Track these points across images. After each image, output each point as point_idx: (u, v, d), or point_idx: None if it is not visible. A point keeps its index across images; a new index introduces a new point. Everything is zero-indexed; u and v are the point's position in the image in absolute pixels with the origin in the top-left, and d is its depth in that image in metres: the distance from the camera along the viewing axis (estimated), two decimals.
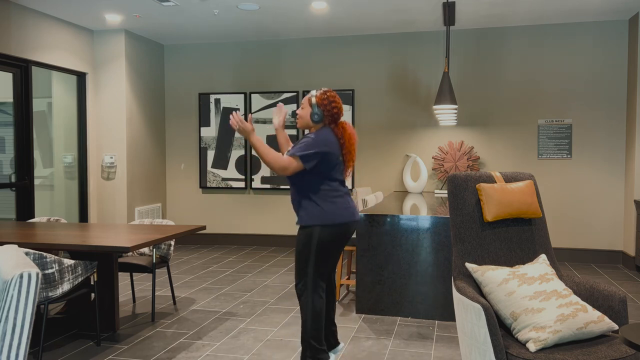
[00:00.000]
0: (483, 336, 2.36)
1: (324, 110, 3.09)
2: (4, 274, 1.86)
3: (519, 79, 6.91)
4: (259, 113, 7.69)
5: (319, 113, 3.09)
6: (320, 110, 3.09)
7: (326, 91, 3.13)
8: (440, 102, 5.45)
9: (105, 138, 7.14)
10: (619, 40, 6.60)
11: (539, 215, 2.96)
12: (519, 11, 6.23)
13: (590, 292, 2.73)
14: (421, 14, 6.34)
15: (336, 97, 3.14)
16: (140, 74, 7.40)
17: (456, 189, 2.92)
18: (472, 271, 2.74)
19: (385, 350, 3.77)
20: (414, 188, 6.88)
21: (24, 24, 5.95)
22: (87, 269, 3.70)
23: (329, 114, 3.11)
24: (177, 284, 5.68)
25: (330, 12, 6.23)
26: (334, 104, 3.11)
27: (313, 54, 7.51)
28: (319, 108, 3.09)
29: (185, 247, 7.90)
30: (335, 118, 3.13)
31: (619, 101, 6.63)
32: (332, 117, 3.13)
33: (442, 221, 4.44)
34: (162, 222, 4.79)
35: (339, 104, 3.14)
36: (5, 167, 5.98)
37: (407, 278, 4.51)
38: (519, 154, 6.93)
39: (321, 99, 3.10)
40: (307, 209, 3.09)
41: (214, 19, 6.56)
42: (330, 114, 3.11)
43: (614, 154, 6.65)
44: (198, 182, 7.96)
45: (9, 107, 5.97)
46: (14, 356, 1.75)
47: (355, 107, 7.40)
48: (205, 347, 3.83)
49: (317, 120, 3.10)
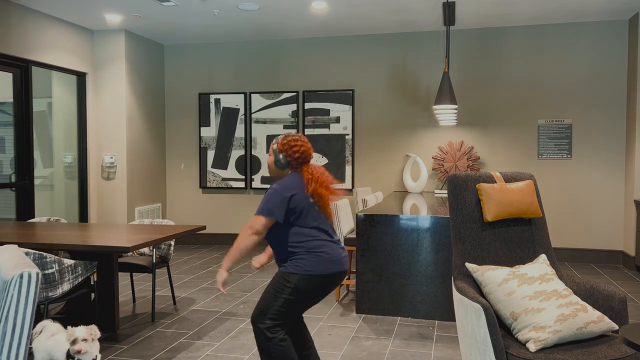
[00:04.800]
0: (483, 336, 2.36)
1: (286, 156, 2.98)
2: (4, 274, 1.86)
3: (519, 79, 6.91)
4: (259, 113, 7.69)
5: (282, 160, 2.98)
6: (283, 157, 2.98)
7: (287, 136, 3.02)
8: (440, 102, 5.45)
9: (105, 138, 7.14)
10: (619, 40, 6.60)
11: (539, 215, 2.96)
12: (519, 11, 6.23)
13: (590, 292, 2.73)
14: (421, 14, 6.34)
15: (298, 141, 3.00)
16: (140, 74, 7.39)
17: (456, 189, 2.92)
18: (472, 271, 2.74)
19: (385, 350, 3.77)
20: (414, 188, 6.88)
21: (24, 24, 5.95)
22: (87, 269, 3.69)
23: (292, 159, 2.98)
24: (177, 284, 5.68)
25: (330, 12, 6.23)
26: (295, 148, 2.98)
27: (313, 54, 7.51)
28: (282, 154, 2.98)
29: (185, 247, 7.89)
30: (301, 162, 2.99)
31: (619, 101, 6.63)
32: (296, 162, 2.99)
33: (442, 221, 4.44)
34: (162, 222, 4.79)
35: (301, 147, 2.99)
36: (5, 167, 5.97)
37: (407, 278, 4.51)
38: (519, 154, 6.93)
39: (282, 144, 2.99)
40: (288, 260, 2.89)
41: (214, 19, 6.56)
42: (293, 159, 2.98)
43: (614, 154, 6.65)
44: (198, 182, 7.96)
45: (9, 107, 5.97)
46: (14, 356, 1.75)
47: (355, 107, 7.40)
48: (205, 347, 3.83)
49: (282, 167, 3.00)
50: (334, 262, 2.90)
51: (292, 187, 2.90)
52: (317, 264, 2.85)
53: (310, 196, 2.93)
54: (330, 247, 2.92)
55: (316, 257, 2.86)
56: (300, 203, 2.89)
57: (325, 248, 2.91)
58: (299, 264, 2.85)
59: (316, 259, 2.86)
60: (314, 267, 2.84)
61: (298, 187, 2.91)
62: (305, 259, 2.85)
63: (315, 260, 2.85)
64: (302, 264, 2.85)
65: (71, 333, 2.77)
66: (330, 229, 3.00)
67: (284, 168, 3.00)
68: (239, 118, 7.74)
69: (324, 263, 2.86)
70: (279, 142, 3.01)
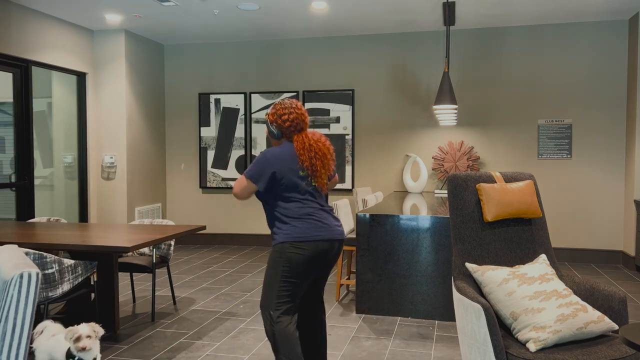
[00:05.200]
0: (483, 336, 2.36)
1: (277, 125, 2.86)
2: (4, 274, 1.86)
3: (519, 79, 6.91)
4: (259, 113, 7.69)
5: (273, 130, 2.87)
6: (275, 127, 2.86)
7: (277, 104, 2.89)
8: (440, 102, 5.45)
9: (105, 138, 7.14)
10: (619, 40, 6.60)
11: (539, 215, 2.96)
12: (519, 11, 6.23)
13: (590, 292, 2.73)
14: (421, 14, 6.34)
15: (288, 108, 2.85)
16: (140, 74, 7.39)
17: (456, 189, 2.92)
18: (472, 271, 2.74)
19: (385, 350, 3.77)
20: (414, 188, 6.88)
21: (24, 24, 5.95)
22: (87, 269, 3.70)
23: (283, 128, 2.85)
24: (177, 284, 5.68)
25: (330, 12, 6.23)
26: (284, 117, 2.83)
27: (313, 54, 7.51)
28: (273, 124, 2.88)
29: (185, 247, 7.89)
30: (293, 130, 2.85)
31: (619, 101, 6.63)
32: (288, 131, 2.85)
33: (442, 221, 4.44)
34: (162, 222, 4.79)
35: (291, 114, 2.84)
36: (5, 167, 5.97)
37: (407, 278, 4.51)
38: (519, 154, 6.93)
39: (271, 114, 2.88)
40: (278, 227, 2.80)
41: (214, 19, 6.56)
42: (284, 128, 2.85)
43: (614, 153, 6.65)
44: (198, 182, 7.96)
45: (9, 107, 5.96)
46: (14, 356, 1.75)
47: (355, 107, 7.40)
48: (205, 347, 3.83)
49: (276, 137, 2.88)
50: (324, 229, 2.79)
51: (280, 158, 2.77)
52: (305, 229, 2.74)
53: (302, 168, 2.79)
54: (319, 214, 2.81)
55: (303, 222, 2.75)
56: (287, 175, 2.77)
57: (314, 215, 2.79)
58: (287, 231, 2.75)
59: (303, 225, 2.75)
60: (302, 233, 2.73)
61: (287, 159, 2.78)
62: (293, 225, 2.75)
63: (302, 226, 2.75)
64: (290, 231, 2.75)
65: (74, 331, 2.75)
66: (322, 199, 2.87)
67: (279, 138, 2.88)
68: (239, 118, 7.75)
69: (312, 229, 2.75)
70: (269, 112, 2.90)
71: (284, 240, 2.75)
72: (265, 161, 2.76)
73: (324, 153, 2.85)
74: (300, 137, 2.84)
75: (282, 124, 2.84)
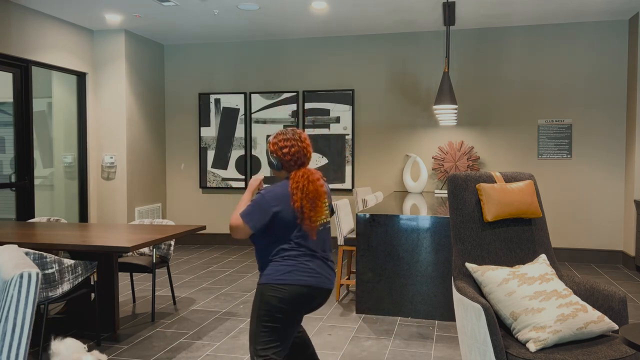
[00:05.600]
0: (483, 336, 2.36)
1: (277, 157, 2.64)
2: (4, 274, 1.86)
3: (519, 79, 6.91)
4: (259, 113, 7.69)
5: (274, 162, 2.66)
6: (275, 158, 2.64)
7: (278, 134, 2.66)
8: (440, 102, 5.45)
9: (105, 138, 7.14)
10: (619, 40, 6.60)
11: (539, 215, 2.96)
12: (519, 11, 6.23)
13: (590, 292, 2.73)
14: (421, 14, 6.34)
15: (290, 140, 2.63)
16: (140, 74, 7.39)
17: (456, 189, 2.92)
18: (472, 271, 2.74)
19: (385, 350, 3.77)
20: (414, 188, 6.88)
21: (24, 24, 5.95)
22: (87, 269, 3.69)
23: (284, 161, 2.63)
24: (177, 284, 5.68)
25: (330, 12, 6.23)
26: (285, 150, 2.61)
27: (313, 54, 7.51)
28: (273, 155, 2.66)
29: (185, 247, 7.89)
30: (292, 164, 2.63)
31: (619, 101, 6.63)
32: (288, 164, 2.63)
33: (442, 221, 4.44)
34: (162, 222, 4.79)
35: (292, 147, 2.62)
36: (5, 167, 5.97)
37: (407, 278, 4.51)
38: (519, 154, 6.93)
39: (272, 144, 2.65)
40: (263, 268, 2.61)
41: (214, 19, 6.56)
42: (284, 161, 2.63)
43: (614, 153, 6.65)
44: (198, 182, 7.96)
45: (9, 107, 5.97)
46: (14, 356, 1.75)
47: (355, 107, 7.40)
48: (205, 347, 3.83)
49: (277, 168, 2.67)
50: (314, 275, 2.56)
51: (282, 199, 2.56)
52: (288, 272, 2.52)
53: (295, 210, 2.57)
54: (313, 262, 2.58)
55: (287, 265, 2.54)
56: (284, 218, 2.55)
57: (304, 257, 2.56)
58: (269, 272, 2.55)
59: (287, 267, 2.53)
60: (283, 275, 2.52)
61: (285, 200, 2.56)
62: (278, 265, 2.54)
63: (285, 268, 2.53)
64: (271, 272, 2.54)
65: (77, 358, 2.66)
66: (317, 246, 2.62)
67: (279, 169, 2.68)
68: (239, 118, 7.74)
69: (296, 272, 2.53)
70: (270, 142, 2.68)
71: (265, 282, 2.55)
72: (265, 203, 2.54)
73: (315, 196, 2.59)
74: (297, 175, 2.61)
75: (283, 157, 2.63)
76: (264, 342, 2.54)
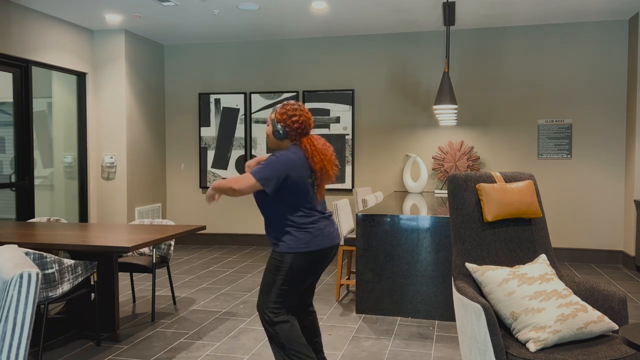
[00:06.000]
0: (483, 336, 2.36)
1: (284, 126, 2.84)
2: (4, 274, 1.86)
3: (519, 78, 6.92)
4: (259, 113, 7.69)
5: (280, 130, 2.84)
6: (282, 127, 2.84)
7: (285, 104, 2.88)
8: (440, 102, 5.45)
9: (105, 138, 7.14)
10: (619, 40, 6.60)
11: (539, 215, 2.96)
12: (519, 11, 6.23)
13: (590, 292, 2.73)
14: (421, 14, 6.34)
15: (297, 110, 2.86)
16: (140, 74, 7.39)
17: (456, 189, 2.92)
18: (472, 271, 2.74)
19: (385, 350, 3.77)
20: (414, 188, 6.88)
21: (24, 24, 5.95)
22: (87, 269, 3.70)
23: (291, 130, 2.84)
24: (177, 284, 5.68)
25: (330, 12, 6.23)
26: (294, 118, 2.84)
27: (313, 54, 7.51)
28: (280, 124, 2.85)
29: (185, 247, 7.89)
30: (300, 133, 2.86)
31: (619, 101, 6.63)
32: (295, 133, 2.86)
33: (442, 221, 4.44)
34: (162, 222, 4.79)
35: (301, 116, 2.85)
36: (5, 167, 5.97)
37: (407, 278, 4.51)
38: (519, 154, 6.93)
39: (280, 114, 2.85)
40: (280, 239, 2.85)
41: (214, 19, 6.56)
42: (292, 129, 2.84)
43: (614, 153, 6.65)
44: (198, 182, 7.96)
45: (9, 107, 5.97)
46: (14, 356, 1.75)
47: (355, 107, 7.40)
48: (205, 347, 3.83)
49: (281, 137, 2.86)
50: (325, 237, 2.87)
51: (295, 164, 2.78)
52: (308, 240, 2.81)
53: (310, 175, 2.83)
54: (320, 223, 2.88)
55: (307, 233, 2.82)
56: (298, 181, 2.79)
57: (316, 224, 2.85)
58: (291, 242, 2.81)
59: (306, 236, 2.82)
60: (306, 244, 2.81)
61: (300, 166, 2.79)
62: (297, 236, 2.81)
63: (305, 237, 2.81)
64: (294, 243, 2.81)
65: None
66: (320, 206, 2.92)
67: (282, 139, 2.88)
68: (239, 118, 7.75)
69: (315, 239, 2.82)
70: (277, 112, 2.87)
71: (287, 251, 2.82)
72: (279, 165, 2.74)
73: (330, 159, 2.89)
74: (308, 140, 2.86)
75: (291, 125, 2.84)
76: (280, 300, 2.85)
